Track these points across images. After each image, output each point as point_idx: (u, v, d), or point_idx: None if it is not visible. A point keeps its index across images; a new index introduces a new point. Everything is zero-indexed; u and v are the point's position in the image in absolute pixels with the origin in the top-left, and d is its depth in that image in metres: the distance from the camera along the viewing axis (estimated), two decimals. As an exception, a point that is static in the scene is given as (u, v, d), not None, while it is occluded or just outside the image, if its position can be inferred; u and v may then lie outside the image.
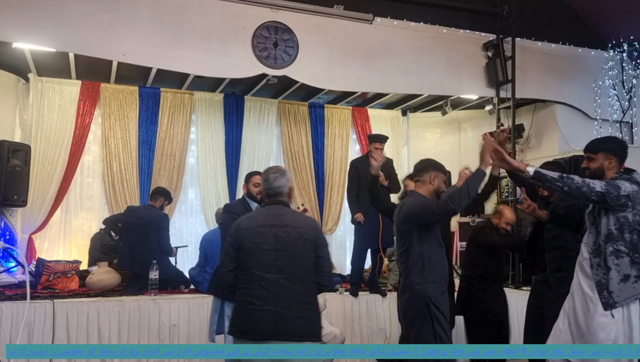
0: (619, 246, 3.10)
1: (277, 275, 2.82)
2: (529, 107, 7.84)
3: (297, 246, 2.86)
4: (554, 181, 3.07)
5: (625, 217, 3.11)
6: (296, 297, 2.81)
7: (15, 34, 5.27)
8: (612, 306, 3.06)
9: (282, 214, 2.95)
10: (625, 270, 3.07)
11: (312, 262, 2.89)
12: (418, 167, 3.56)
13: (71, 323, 4.62)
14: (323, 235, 3.02)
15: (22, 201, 6.03)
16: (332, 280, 5.56)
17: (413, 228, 3.32)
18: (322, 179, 8.10)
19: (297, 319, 2.80)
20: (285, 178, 3.02)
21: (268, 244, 2.87)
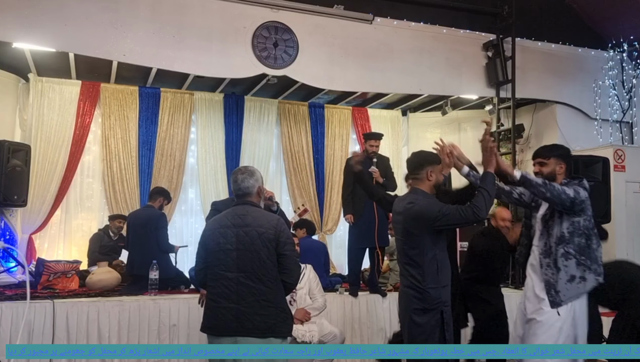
0: (569, 248, 3.31)
1: (237, 274, 2.92)
2: (529, 107, 7.84)
3: (257, 244, 2.93)
4: (538, 186, 3.23)
5: (578, 221, 3.33)
6: (256, 295, 2.90)
7: (15, 34, 5.27)
8: (559, 304, 3.26)
9: (244, 214, 3.02)
10: (571, 271, 3.28)
11: (274, 260, 2.94)
12: (413, 165, 3.43)
13: (71, 323, 4.62)
14: (286, 232, 3.02)
15: (22, 201, 6.03)
16: (325, 280, 5.60)
17: (426, 231, 3.21)
18: (322, 179, 8.11)
19: (258, 316, 2.88)
20: (253, 178, 3.09)
21: (230, 243, 2.96)
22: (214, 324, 2.96)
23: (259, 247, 2.93)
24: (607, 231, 5.11)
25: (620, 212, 6.49)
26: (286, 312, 2.99)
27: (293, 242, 3.06)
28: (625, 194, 6.65)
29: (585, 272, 3.31)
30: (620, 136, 7.79)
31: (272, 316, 2.90)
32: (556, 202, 3.26)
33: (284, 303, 3.00)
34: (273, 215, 3.17)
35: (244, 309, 2.89)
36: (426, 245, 3.22)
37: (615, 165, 6.57)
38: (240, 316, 2.89)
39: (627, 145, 7.41)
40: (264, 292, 2.91)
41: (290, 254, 2.99)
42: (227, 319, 2.91)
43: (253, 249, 2.93)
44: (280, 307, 2.96)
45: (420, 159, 3.41)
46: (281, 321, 2.94)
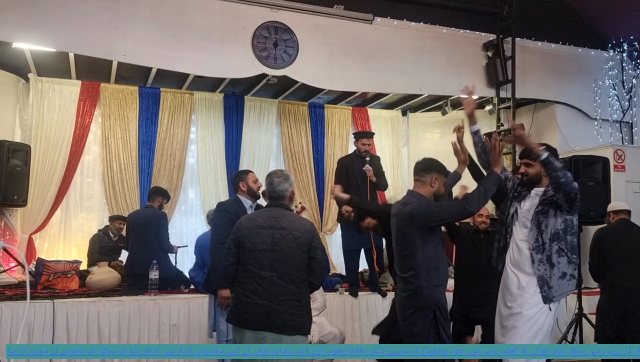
0: (562, 245, 3.38)
1: (271, 273, 3.08)
2: (529, 107, 7.84)
3: (292, 247, 3.09)
4: (557, 169, 3.27)
5: (571, 220, 3.41)
6: (287, 294, 3.06)
7: (15, 34, 5.27)
8: (550, 300, 3.34)
9: (280, 217, 3.17)
10: (563, 268, 3.36)
11: (305, 263, 3.12)
12: (420, 167, 3.46)
13: (71, 323, 4.62)
14: (318, 238, 3.19)
15: (22, 201, 6.03)
16: (326, 280, 5.60)
17: (416, 231, 3.24)
18: (322, 179, 8.10)
19: (287, 314, 3.04)
20: (288, 183, 3.25)
21: (265, 244, 3.11)
22: (245, 319, 3.10)
23: (294, 250, 3.09)
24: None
25: (620, 212, 6.48)
26: (310, 311, 3.19)
27: (323, 247, 3.24)
28: (625, 194, 6.64)
29: (575, 271, 3.39)
30: (620, 136, 7.79)
31: (300, 315, 3.08)
32: (567, 190, 3.30)
33: (309, 303, 3.19)
34: (307, 220, 3.32)
35: (275, 307, 3.04)
36: (417, 244, 3.25)
37: (615, 165, 6.57)
38: (272, 313, 3.04)
39: (627, 145, 7.41)
40: (295, 292, 3.08)
41: (319, 258, 3.16)
42: (258, 314, 3.06)
43: (288, 251, 3.09)
44: (307, 306, 3.15)
45: (430, 163, 3.46)
46: (307, 319, 3.14)
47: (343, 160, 5.90)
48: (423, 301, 3.23)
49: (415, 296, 3.25)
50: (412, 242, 3.26)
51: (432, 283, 3.25)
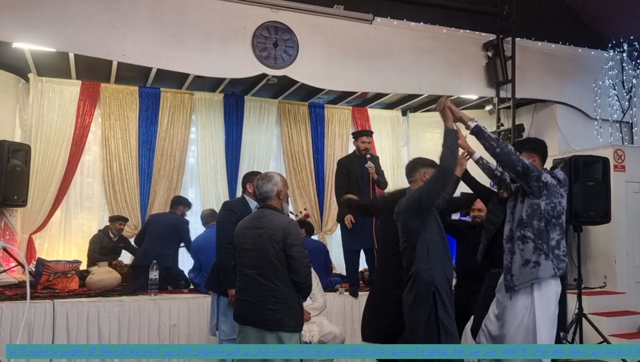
0: (526, 231, 3.31)
1: (253, 271, 3.26)
2: (529, 107, 7.84)
3: (266, 245, 3.21)
4: (490, 139, 3.32)
5: (537, 204, 3.31)
6: (266, 291, 3.20)
7: (15, 34, 5.27)
8: (512, 289, 3.29)
9: (261, 217, 3.32)
10: (527, 255, 3.28)
11: (281, 260, 3.20)
12: (408, 169, 3.62)
13: (71, 323, 4.62)
14: (294, 235, 3.22)
15: (22, 201, 6.03)
16: (325, 279, 5.61)
17: (416, 218, 3.33)
18: (322, 179, 8.10)
19: (266, 311, 3.18)
20: (271, 183, 3.36)
21: (247, 243, 3.30)
22: (238, 313, 3.36)
23: (269, 247, 3.20)
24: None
25: (620, 212, 6.49)
26: (294, 308, 3.22)
27: (301, 244, 3.23)
28: (625, 194, 6.65)
29: (541, 257, 3.27)
30: (620, 136, 7.80)
31: (279, 311, 3.17)
32: (505, 162, 3.29)
33: (292, 300, 3.22)
34: (285, 218, 3.35)
35: (256, 303, 3.22)
36: (419, 228, 3.32)
37: (615, 165, 6.57)
38: (253, 309, 3.23)
39: (627, 145, 7.42)
40: (273, 289, 3.18)
41: (296, 255, 3.18)
42: (245, 310, 3.29)
43: (264, 250, 3.21)
44: (288, 303, 3.20)
45: (413, 162, 3.61)
46: (288, 316, 3.18)
47: (343, 161, 5.90)
48: (421, 284, 3.24)
49: (415, 282, 3.27)
50: (414, 228, 3.34)
51: (430, 266, 3.27)
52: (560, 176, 3.47)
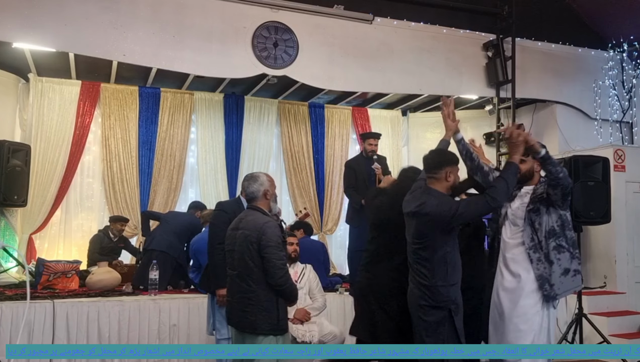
0: (561, 241, 3.35)
1: (233, 272, 3.27)
2: (529, 107, 7.84)
3: (243, 246, 3.18)
4: (557, 164, 3.32)
5: (565, 215, 3.41)
6: (242, 292, 3.18)
7: (15, 34, 5.27)
8: (554, 298, 3.31)
9: (244, 218, 3.31)
10: (565, 264, 3.33)
11: (256, 262, 3.14)
12: (431, 164, 3.40)
13: (71, 323, 4.62)
14: (269, 235, 3.14)
15: (22, 201, 6.03)
16: (325, 279, 5.60)
17: (438, 231, 3.22)
18: (322, 179, 8.10)
19: (241, 312, 3.17)
20: (257, 183, 3.35)
21: (231, 244, 3.30)
22: (226, 315, 3.38)
23: (244, 248, 3.17)
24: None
25: (620, 212, 6.49)
26: (268, 311, 3.13)
27: (275, 246, 3.13)
28: (625, 194, 6.65)
29: (579, 266, 3.37)
30: (620, 136, 7.79)
31: (253, 313, 3.13)
32: (565, 185, 3.32)
33: (267, 303, 3.14)
34: (263, 218, 3.26)
35: (235, 304, 3.23)
36: (437, 244, 3.23)
37: (615, 165, 6.57)
38: (232, 310, 3.25)
39: (627, 145, 7.41)
40: (247, 291, 3.16)
41: (269, 257, 3.11)
42: (228, 311, 3.33)
43: (240, 250, 3.19)
44: (263, 306, 3.13)
45: (441, 158, 3.41)
46: (262, 319, 3.12)
47: (350, 162, 5.97)
48: (439, 299, 3.22)
49: (432, 294, 3.24)
50: (431, 241, 3.24)
51: (448, 282, 3.25)
52: None
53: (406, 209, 3.39)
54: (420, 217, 3.25)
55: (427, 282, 3.25)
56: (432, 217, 3.20)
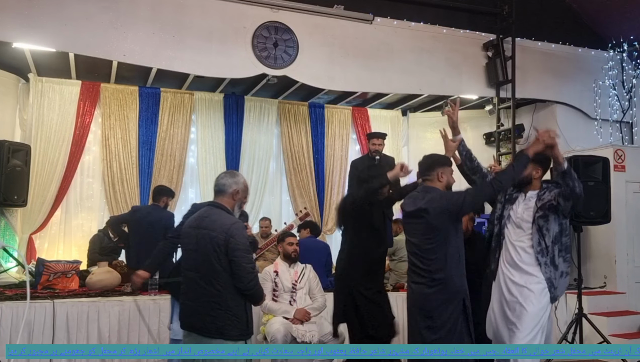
0: (561, 246, 3.57)
1: (195, 274, 3.02)
2: (529, 107, 7.84)
3: (208, 248, 2.96)
4: (576, 179, 3.44)
5: (566, 222, 3.60)
6: (208, 296, 2.96)
7: (15, 34, 5.27)
8: (556, 299, 3.54)
9: (206, 216, 3.07)
10: (562, 268, 3.56)
11: (223, 265, 2.94)
12: (423, 167, 3.49)
13: (71, 323, 4.61)
14: (237, 237, 2.96)
15: (22, 201, 6.02)
16: (325, 280, 5.57)
17: (450, 223, 3.27)
18: (322, 179, 8.10)
19: (208, 317, 2.95)
20: (232, 180, 3.14)
21: (191, 244, 3.06)
22: (181, 318, 3.14)
23: (210, 250, 2.95)
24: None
25: (620, 212, 6.49)
26: (237, 316, 2.98)
27: (244, 248, 2.98)
28: (625, 194, 6.65)
29: (569, 268, 3.60)
30: (620, 136, 7.79)
31: (221, 318, 2.94)
32: (577, 198, 3.45)
33: (236, 308, 2.98)
34: (230, 218, 3.07)
35: (197, 308, 2.99)
36: (450, 236, 3.28)
37: (615, 165, 6.57)
38: (194, 314, 3.01)
39: (627, 145, 7.41)
40: (214, 295, 2.95)
41: (238, 261, 2.94)
42: (187, 315, 3.08)
43: (205, 252, 2.97)
44: (231, 311, 2.95)
45: (431, 161, 3.49)
46: (230, 324, 2.95)
47: (356, 162, 6.00)
48: (453, 291, 3.26)
49: (445, 288, 3.25)
50: (443, 235, 3.27)
51: (459, 272, 3.31)
52: None
53: (409, 208, 3.41)
54: (429, 212, 3.27)
55: (439, 277, 3.25)
56: (445, 209, 3.25)
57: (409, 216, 3.44)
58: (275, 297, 4.61)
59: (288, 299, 4.63)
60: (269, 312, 4.54)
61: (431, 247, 3.30)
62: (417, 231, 3.37)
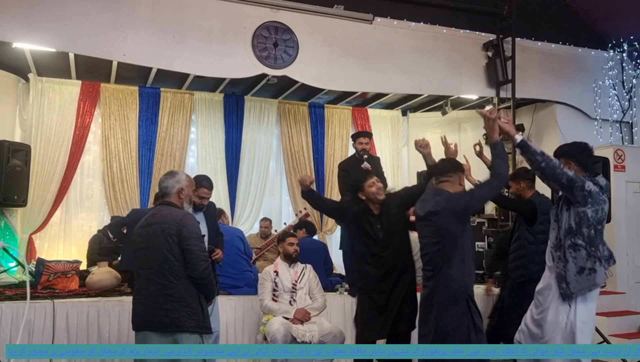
0: (577, 239, 3.32)
1: (147, 270, 3.05)
2: (529, 107, 7.84)
3: (159, 240, 3.01)
4: (535, 153, 3.26)
5: (584, 212, 3.33)
6: (160, 289, 2.99)
7: (15, 34, 5.27)
8: (570, 297, 3.31)
9: (157, 213, 3.14)
10: (581, 263, 3.30)
11: (176, 255, 3.00)
12: (446, 168, 3.51)
13: (71, 323, 4.61)
14: (189, 227, 3.04)
15: (22, 201, 6.02)
16: (325, 280, 5.59)
17: (456, 222, 3.31)
18: (322, 179, 8.10)
19: (162, 311, 2.98)
20: (174, 180, 3.20)
21: (142, 242, 3.11)
22: (133, 320, 3.13)
23: (162, 242, 3.00)
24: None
25: (620, 212, 6.49)
26: (192, 307, 3.02)
27: (197, 237, 3.06)
28: (625, 194, 6.65)
29: (596, 264, 3.31)
30: (620, 136, 7.79)
31: (175, 310, 2.97)
32: (550, 176, 3.28)
33: (190, 299, 3.02)
34: (181, 211, 3.14)
35: (150, 304, 3.01)
36: (457, 235, 3.31)
37: (615, 165, 6.57)
38: (148, 311, 3.02)
39: (627, 145, 7.42)
40: (167, 287, 2.98)
41: (191, 249, 3.00)
42: (139, 314, 3.08)
43: (157, 245, 3.02)
44: (185, 302, 3.00)
45: (456, 164, 3.55)
46: (186, 315, 2.99)
47: (343, 163, 5.87)
48: (456, 290, 3.28)
49: (448, 287, 3.28)
50: (453, 235, 3.31)
51: (464, 272, 3.32)
52: (602, 183, 3.49)
53: (422, 212, 3.46)
54: (438, 215, 3.33)
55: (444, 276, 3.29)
56: (455, 210, 3.29)
57: (419, 218, 3.49)
58: (275, 297, 4.61)
59: (288, 299, 4.63)
60: (269, 312, 4.54)
61: (436, 247, 3.34)
62: (427, 232, 3.42)
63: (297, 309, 4.53)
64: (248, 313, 5.06)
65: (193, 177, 4.24)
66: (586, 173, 3.48)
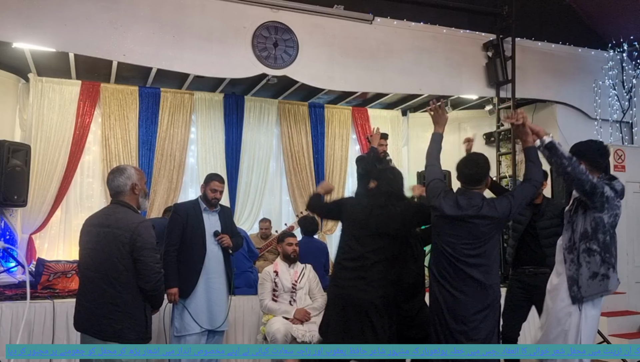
0: (592, 244, 3.26)
1: (94, 274, 2.89)
2: (529, 107, 7.85)
3: (111, 246, 2.86)
4: (562, 157, 3.17)
5: (600, 218, 3.29)
6: (107, 297, 2.86)
7: (15, 34, 5.27)
8: (580, 301, 3.24)
9: (110, 214, 2.97)
10: (594, 268, 3.24)
11: (126, 264, 2.85)
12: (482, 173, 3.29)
13: (71, 323, 4.58)
14: (145, 237, 2.88)
15: (22, 201, 6.02)
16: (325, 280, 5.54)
17: (497, 229, 3.24)
18: (322, 179, 8.08)
19: (105, 319, 2.86)
20: (123, 176, 3.01)
21: (91, 243, 2.95)
22: (75, 320, 3.00)
23: (113, 249, 2.85)
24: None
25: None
26: (136, 318, 2.91)
27: (152, 248, 2.90)
28: (625, 194, 6.64)
29: (609, 271, 3.26)
30: (620, 136, 7.80)
31: (119, 321, 2.87)
32: (574, 180, 3.20)
33: (135, 309, 2.90)
34: (137, 217, 2.98)
35: (94, 310, 2.89)
36: (495, 243, 3.25)
37: (615, 165, 6.58)
38: (91, 316, 2.90)
39: (627, 145, 7.42)
40: (114, 296, 2.85)
41: (145, 260, 2.86)
42: (83, 317, 2.95)
43: (108, 251, 2.87)
44: (130, 313, 2.88)
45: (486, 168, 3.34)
46: (129, 327, 2.89)
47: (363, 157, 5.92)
48: (493, 298, 3.24)
49: (487, 295, 3.22)
50: (491, 242, 3.23)
51: (499, 280, 3.31)
52: (618, 188, 3.45)
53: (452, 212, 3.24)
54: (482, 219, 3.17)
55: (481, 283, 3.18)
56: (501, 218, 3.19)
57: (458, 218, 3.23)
58: (275, 298, 4.61)
59: (288, 299, 4.63)
60: (269, 312, 4.54)
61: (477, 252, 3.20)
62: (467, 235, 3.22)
63: (297, 309, 4.53)
64: (248, 313, 5.05)
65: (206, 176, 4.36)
66: (600, 174, 3.41)
